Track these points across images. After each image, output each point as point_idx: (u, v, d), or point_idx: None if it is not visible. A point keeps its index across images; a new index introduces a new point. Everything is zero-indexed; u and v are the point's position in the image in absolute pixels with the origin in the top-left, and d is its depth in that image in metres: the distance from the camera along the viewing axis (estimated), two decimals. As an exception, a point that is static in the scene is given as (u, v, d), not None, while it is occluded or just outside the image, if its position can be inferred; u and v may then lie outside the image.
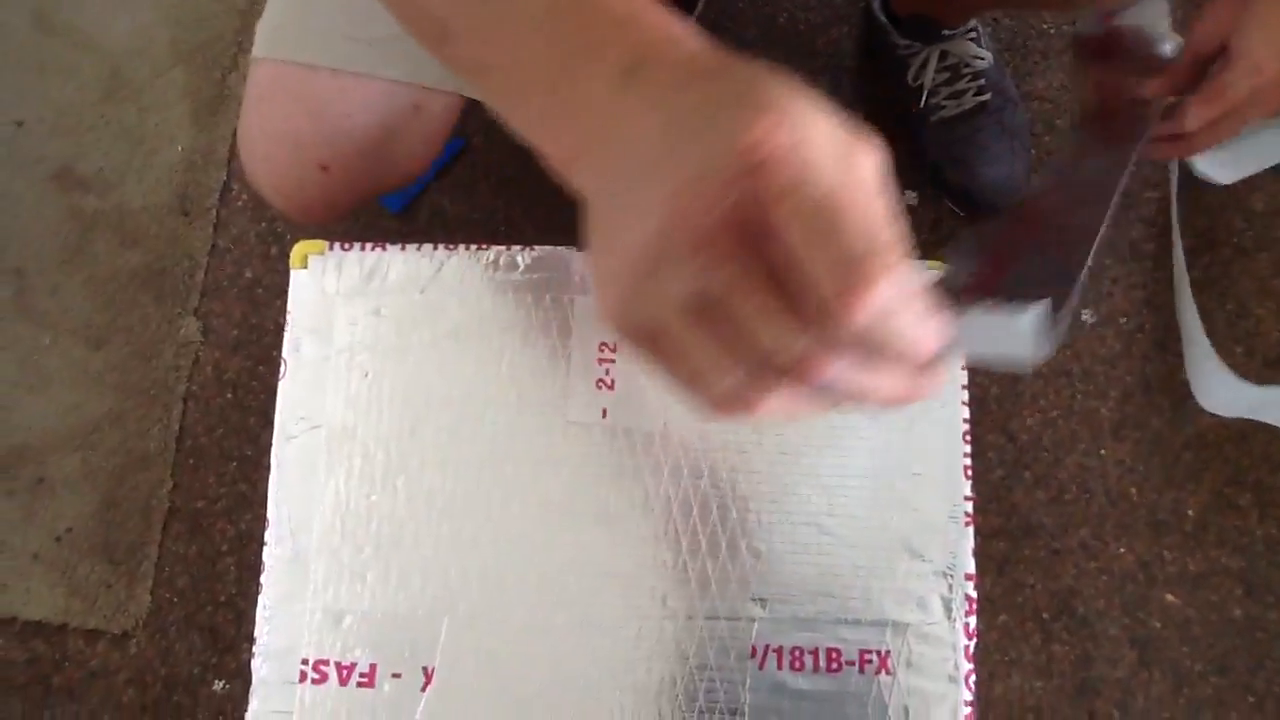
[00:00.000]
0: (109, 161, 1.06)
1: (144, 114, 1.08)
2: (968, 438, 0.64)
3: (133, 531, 0.95)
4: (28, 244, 1.04)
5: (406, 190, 1.03)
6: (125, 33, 1.12)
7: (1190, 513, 0.91)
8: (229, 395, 0.99)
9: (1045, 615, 0.90)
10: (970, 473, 0.64)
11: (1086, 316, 0.97)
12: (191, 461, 0.98)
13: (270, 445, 0.67)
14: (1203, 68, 0.65)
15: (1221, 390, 0.91)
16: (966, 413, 0.65)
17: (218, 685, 0.92)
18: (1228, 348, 0.94)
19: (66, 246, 1.04)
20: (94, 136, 1.07)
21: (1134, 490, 0.92)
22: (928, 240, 1.00)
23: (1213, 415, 0.92)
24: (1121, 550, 0.91)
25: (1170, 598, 0.89)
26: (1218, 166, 0.96)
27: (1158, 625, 0.89)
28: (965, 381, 0.65)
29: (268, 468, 0.67)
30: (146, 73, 1.09)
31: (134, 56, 1.11)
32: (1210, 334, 0.94)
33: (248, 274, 1.02)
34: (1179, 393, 0.93)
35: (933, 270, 0.66)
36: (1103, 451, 0.93)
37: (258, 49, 0.74)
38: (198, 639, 0.93)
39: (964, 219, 1.00)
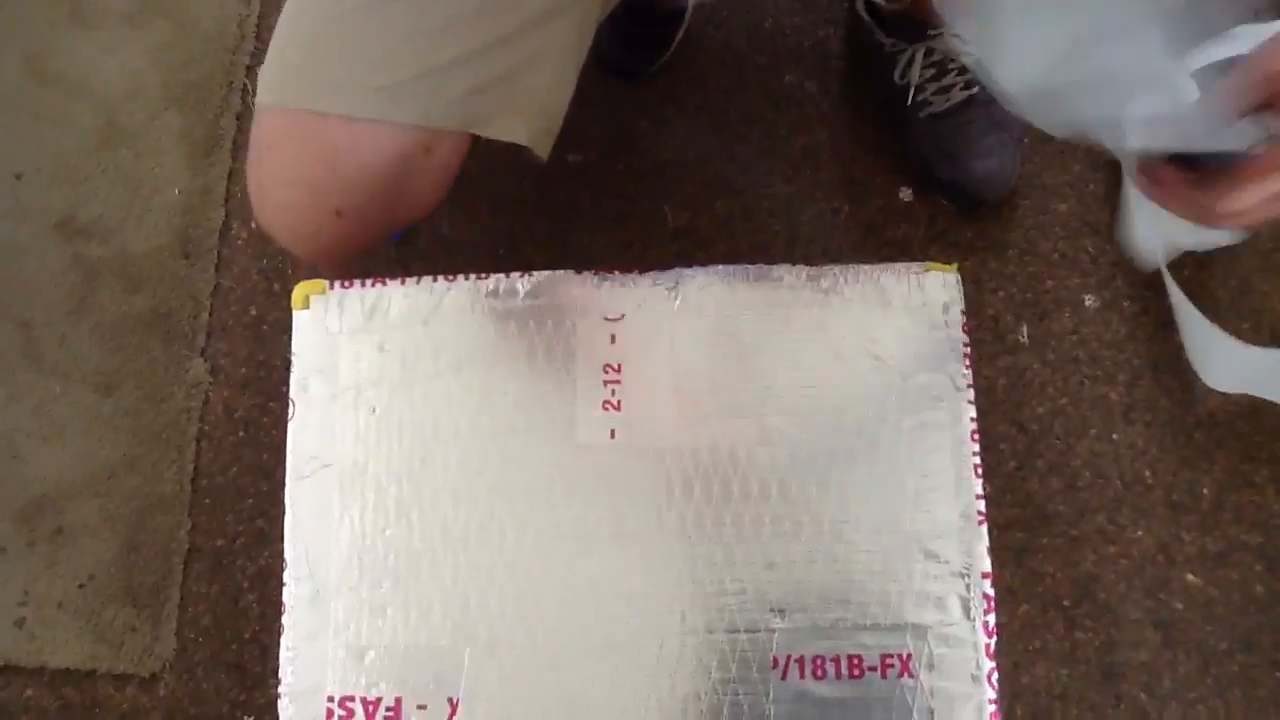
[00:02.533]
0: (109, 208, 1.07)
1: (140, 159, 1.09)
2: (975, 436, 0.64)
3: (154, 574, 0.96)
4: (34, 295, 1.05)
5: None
6: (117, 77, 1.13)
7: (1206, 492, 0.91)
8: (241, 433, 1.00)
9: (1066, 603, 0.90)
10: (980, 470, 0.64)
11: (1089, 301, 0.97)
12: (208, 501, 0.98)
13: (285, 480, 0.68)
14: None
15: (1225, 361, 0.91)
16: (973, 411, 0.65)
17: (247, 721, 0.92)
18: (1232, 324, 0.94)
19: (72, 295, 1.05)
20: (93, 184, 1.08)
21: (1148, 473, 0.92)
22: (924, 237, 1.00)
23: (1223, 394, 0.91)
24: (1139, 533, 0.91)
25: (1191, 578, 0.89)
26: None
27: (1180, 606, 0.89)
28: (969, 380, 0.65)
29: (285, 503, 0.67)
30: (141, 117, 1.10)
31: (127, 101, 1.11)
32: (1214, 312, 0.94)
33: (252, 311, 1.03)
34: (1187, 373, 0.93)
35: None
36: (1115, 436, 0.93)
37: (264, 97, 0.74)
38: (225, 677, 0.94)
39: (959, 214, 1.00)
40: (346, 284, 0.70)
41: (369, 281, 0.70)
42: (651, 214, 1.04)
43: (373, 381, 0.68)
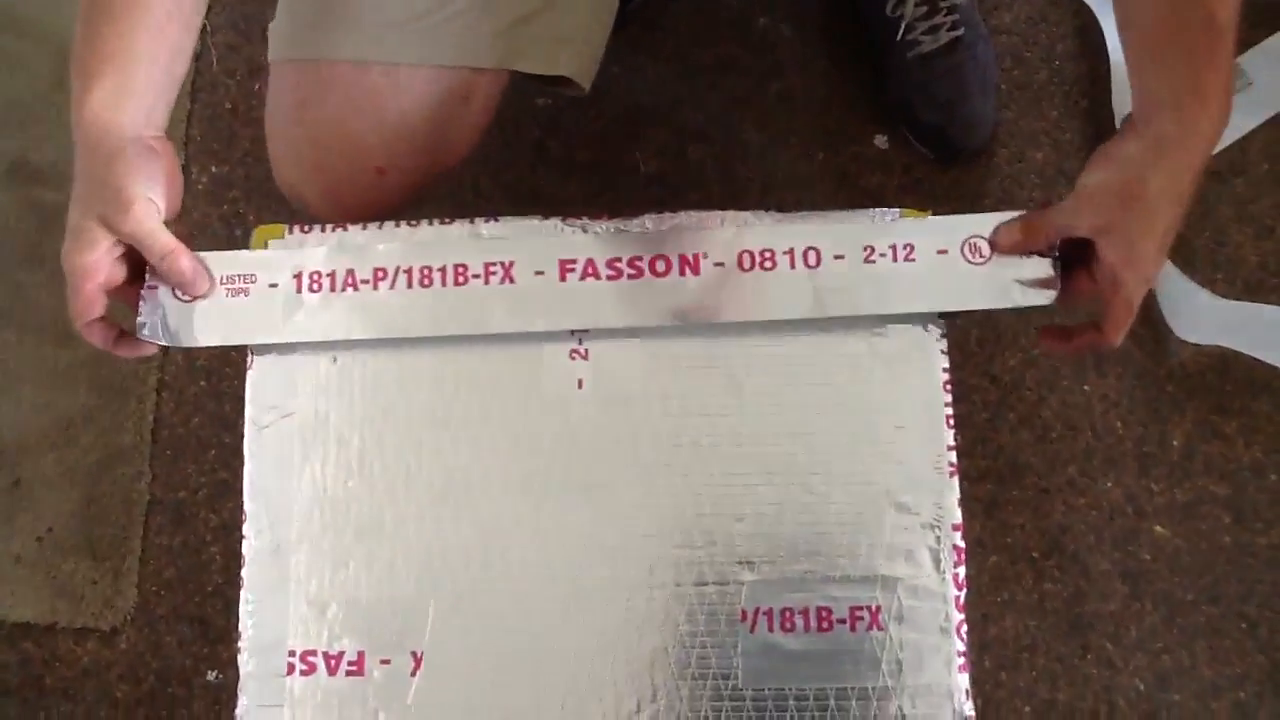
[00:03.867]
0: (63, 152, 1.03)
1: (94, 101, 1.05)
2: (948, 387, 0.63)
3: (115, 527, 0.94)
4: (-15, 242, 1.02)
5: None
6: (71, 17, 1.08)
7: (1176, 443, 0.91)
8: (202, 383, 0.98)
9: (1035, 555, 0.90)
10: (953, 422, 0.63)
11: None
12: (169, 452, 0.97)
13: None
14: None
15: (1197, 312, 0.90)
16: (946, 362, 0.64)
17: (211, 675, 0.91)
18: (1207, 275, 0.94)
19: (26, 242, 1.02)
20: (46, 128, 1.05)
21: (1119, 424, 0.92)
22: (899, 185, 0.99)
23: (1194, 345, 0.91)
24: (1109, 485, 0.91)
25: (1159, 529, 0.89)
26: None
27: (1148, 558, 0.89)
28: (943, 330, 0.64)
29: (244, 454, 0.66)
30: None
31: (80, 41, 1.08)
32: (1189, 263, 0.94)
33: (213, 259, 1.00)
34: (1160, 325, 0.92)
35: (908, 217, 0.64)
36: (1086, 387, 0.93)
37: (284, 51, 0.71)
38: (188, 630, 0.92)
39: (935, 161, 0.98)
40: (306, 228, 0.67)
41: (330, 226, 0.67)
42: (623, 161, 1.02)
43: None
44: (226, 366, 0.97)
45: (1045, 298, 0.61)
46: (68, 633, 0.93)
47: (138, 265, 0.63)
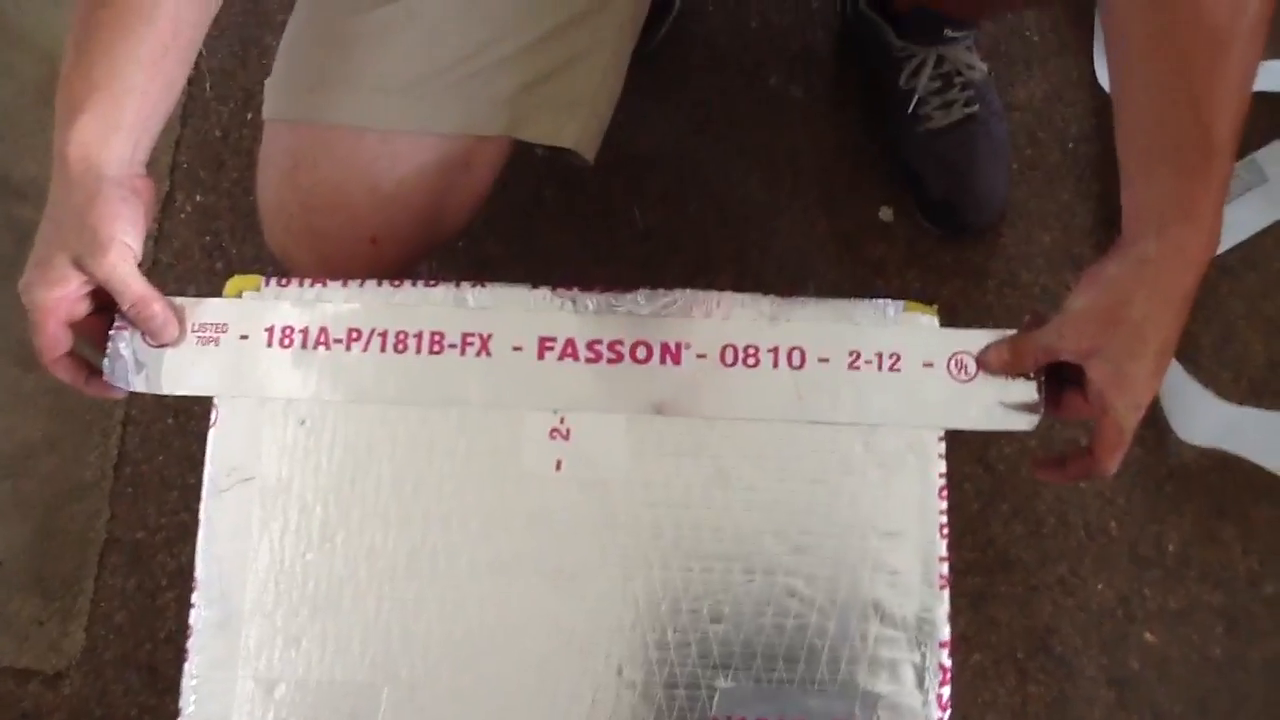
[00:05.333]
0: (46, 169, 0.99)
1: (80, 119, 1.02)
2: (944, 493, 0.60)
3: (68, 564, 0.90)
4: (-43, 257, 0.98)
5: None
6: (62, 29, 1.05)
7: (1171, 547, 0.88)
8: (170, 420, 0.94)
9: (1020, 654, 0.87)
10: (947, 531, 0.60)
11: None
12: (130, 490, 0.93)
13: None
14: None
15: (1199, 414, 0.88)
16: (943, 466, 0.61)
17: (155, 728, 0.88)
18: (1213, 373, 0.91)
19: (1, 258, 0.99)
20: (30, 142, 1.02)
21: (1114, 524, 0.89)
22: (903, 258, 0.96)
23: (1196, 446, 0.88)
24: (1100, 586, 0.88)
25: (1149, 636, 0.87)
26: None
27: (1136, 665, 0.86)
28: (942, 434, 0.61)
29: (199, 517, 0.62)
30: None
31: (72, 55, 1.05)
32: (1195, 358, 0.91)
33: (191, 290, 0.97)
34: (1162, 422, 0.90)
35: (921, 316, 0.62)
36: (1083, 483, 0.90)
37: (280, 110, 0.68)
38: (135, 679, 0.88)
39: (943, 237, 0.96)
40: (283, 281, 0.64)
41: (308, 281, 0.64)
42: (621, 212, 0.99)
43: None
44: (196, 405, 0.93)
45: (1028, 423, 0.60)
46: (8, 673, 0.89)
47: (104, 300, 0.61)
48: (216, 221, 0.99)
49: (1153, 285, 0.54)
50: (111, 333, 0.62)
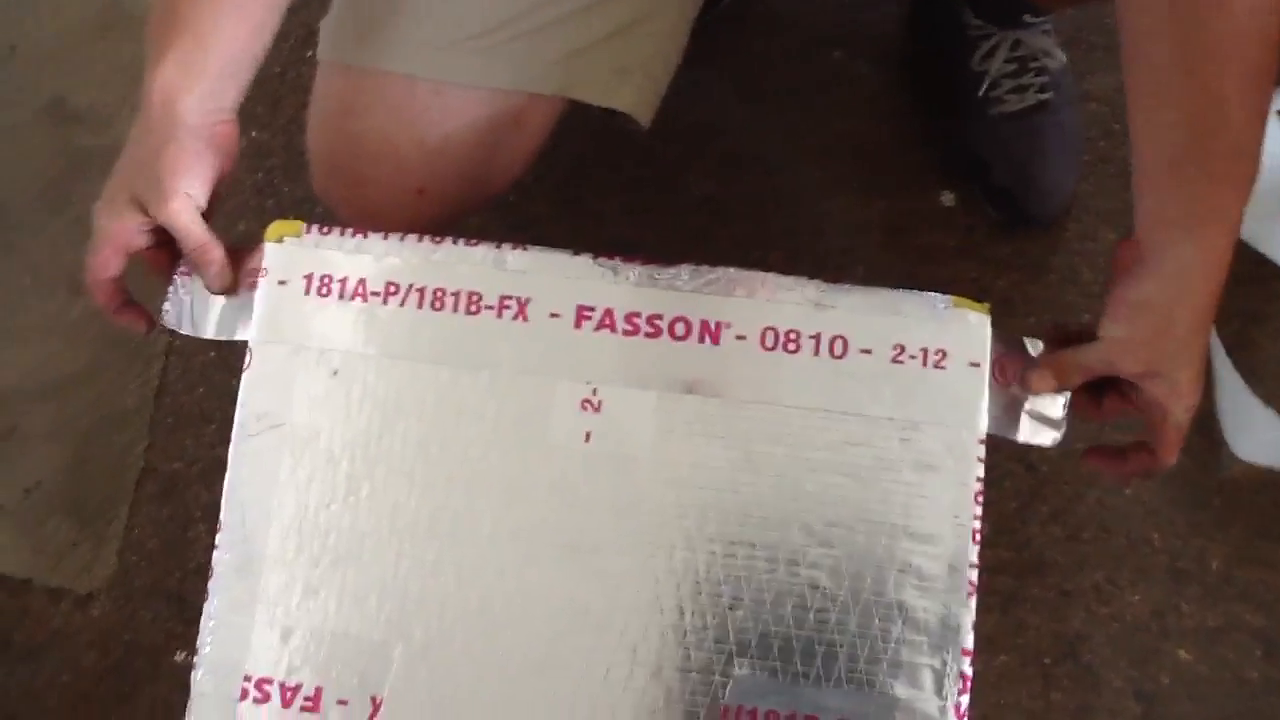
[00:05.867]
0: (103, 96, 1.01)
1: (141, 49, 1.02)
2: (980, 499, 0.59)
3: (103, 490, 0.92)
4: (14, 178, 0.99)
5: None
6: (129, -43, 1.06)
7: (1214, 564, 0.86)
8: (212, 353, 0.95)
9: (1047, 660, 0.85)
10: (979, 537, 0.59)
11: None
12: (170, 420, 0.94)
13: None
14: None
15: (1257, 431, 0.85)
16: (981, 471, 0.59)
17: (179, 656, 0.89)
18: (1276, 388, 0.88)
19: (56, 184, 1.00)
20: (89, 70, 1.02)
21: (1156, 535, 0.86)
22: (960, 247, 0.93)
23: (1249, 463, 0.85)
24: (1136, 598, 0.85)
25: (1183, 653, 0.84)
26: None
27: (1166, 681, 0.84)
28: (982, 435, 0.59)
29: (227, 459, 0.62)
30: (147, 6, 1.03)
31: (139, -17, 1.05)
32: (1258, 371, 0.88)
33: (241, 227, 0.97)
34: (1214, 434, 0.87)
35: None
36: (1127, 490, 0.87)
37: (335, 52, 0.68)
38: (163, 606, 0.90)
39: (1004, 226, 0.93)
40: (325, 229, 0.64)
41: (349, 231, 0.63)
42: (673, 179, 0.97)
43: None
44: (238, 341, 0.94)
45: (1049, 439, 0.59)
46: (42, 591, 0.90)
47: (167, 236, 0.61)
48: (270, 159, 0.99)
49: (1193, 295, 0.55)
50: (175, 276, 0.63)
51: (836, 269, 0.62)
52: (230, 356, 0.95)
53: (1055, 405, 0.59)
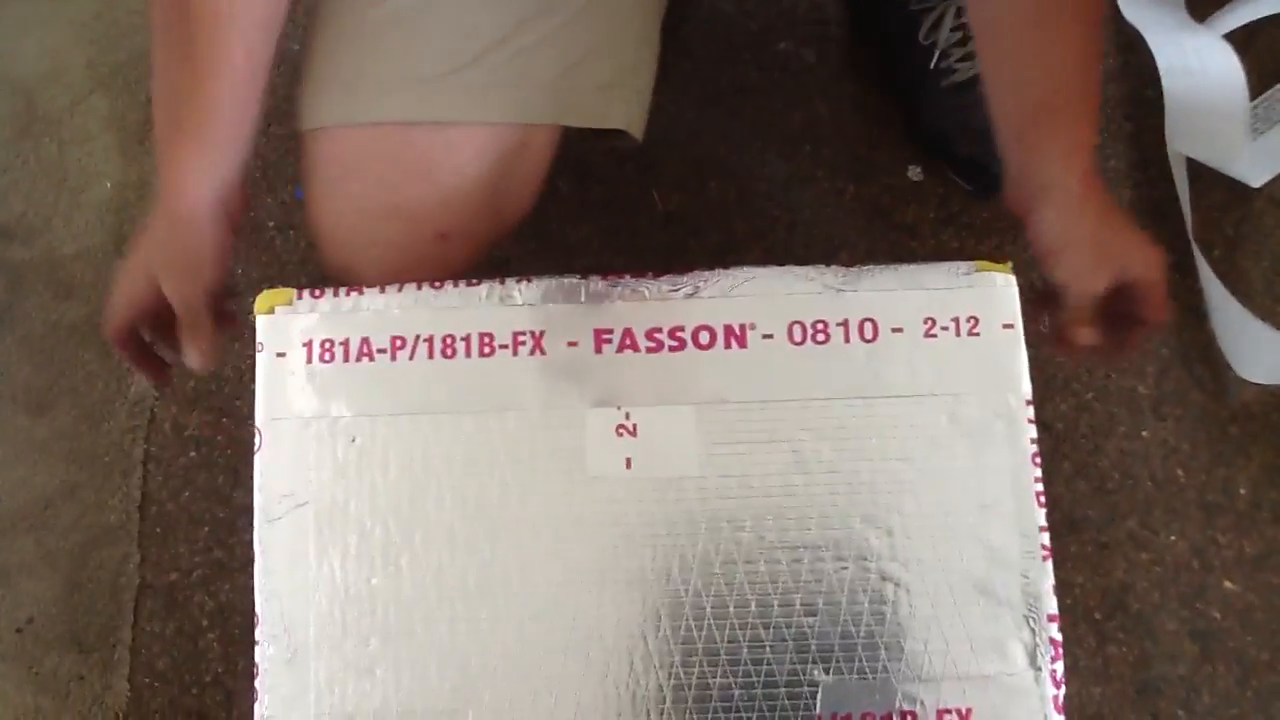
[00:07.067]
0: (32, 205, 0.96)
1: (65, 148, 0.98)
2: (1038, 460, 0.57)
3: (102, 614, 0.86)
4: (-50, 304, 0.94)
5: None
6: (35, 57, 1.02)
7: (1242, 491, 0.86)
8: (193, 453, 0.90)
9: (1098, 615, 0.84)
10: (1044, 499, 0.57)
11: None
12: (159, 530, 0.89)
13: (245, 503, 0.59)
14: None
15: (1260, 350, 0.85)
16: (1034, 431, 0.58)
17: (214, 773, 0.84)
18: (1268, 308, 0.88)
19: (-4, 304, 0.95)
20: (12, 178, 0.98)
21: (1180, 472, 0.86)
22: (935, 218, 0.93)
23: (1258, 385, 0.86)
24: (1173, 538, 0.85)
25: (1229, 584, 0.84)
26: (1251, 168, 0.90)
27: (1217, 615, 0.83)
28: (1029, 396, 0.58)
29: (243, 530, 0.59)
30: (64, 101, 0.99)
31: (48, 84, 1.01)
32: (1247, 294, 0.89)
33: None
34: (1220, 362, 0.87)
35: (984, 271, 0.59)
36: (1144, 433, 0.87)
37: (322, 119, 0.65)
38: (185, 726, 0.85)
39: (974, 194, 0.93)
40: (317, 293, 0.61)
41: (343, 290, 0.61)
42: (638, 198, 0.96)
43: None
44: (218, 435, 0.90)
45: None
46: (52, 734, 0.85)
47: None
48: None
49: (1093, 203, 0.58)
50: None
51: (822, 260, 0.61)
52: (212, 453, 0.91)
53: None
